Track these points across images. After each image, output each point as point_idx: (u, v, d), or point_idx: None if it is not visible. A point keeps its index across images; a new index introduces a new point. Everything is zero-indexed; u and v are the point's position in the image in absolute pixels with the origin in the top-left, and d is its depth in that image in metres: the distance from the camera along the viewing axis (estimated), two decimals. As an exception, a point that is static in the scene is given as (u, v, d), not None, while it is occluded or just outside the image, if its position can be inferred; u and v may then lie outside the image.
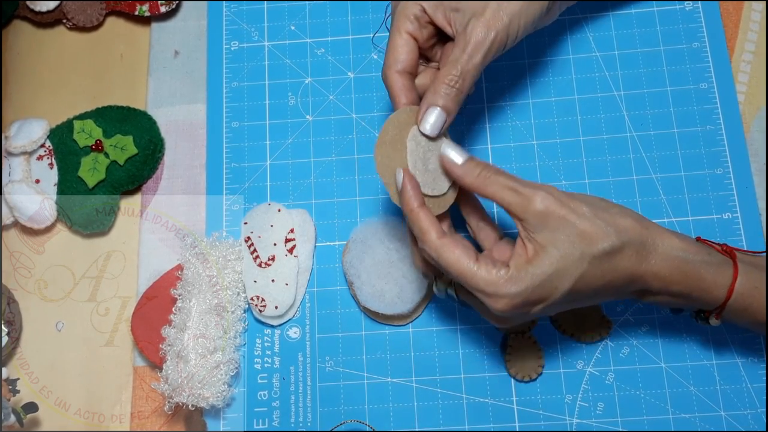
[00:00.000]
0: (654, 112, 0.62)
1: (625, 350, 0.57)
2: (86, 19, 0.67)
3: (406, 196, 0.49)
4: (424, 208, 0.49)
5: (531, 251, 0.47)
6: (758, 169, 0.60)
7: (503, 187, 0.48)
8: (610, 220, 0.47)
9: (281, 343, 0.59)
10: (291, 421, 0.57)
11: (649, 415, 0.56)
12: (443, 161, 0.50)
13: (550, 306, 0.48)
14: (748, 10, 0.64)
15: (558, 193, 0.48)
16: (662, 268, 0.48)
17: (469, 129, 0.63)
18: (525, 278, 0.46)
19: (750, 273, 0.49)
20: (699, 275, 0.48)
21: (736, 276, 0.49)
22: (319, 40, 0.66)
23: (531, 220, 0.47)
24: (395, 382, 0.57)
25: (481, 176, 0.49)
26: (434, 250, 0.48)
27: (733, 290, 0.49)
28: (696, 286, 0.49)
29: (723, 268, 0.49)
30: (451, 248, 0.47)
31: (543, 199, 0.47)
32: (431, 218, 0.48)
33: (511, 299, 0.46)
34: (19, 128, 0.63)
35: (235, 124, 0.64)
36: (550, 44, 0.64)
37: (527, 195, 0.47)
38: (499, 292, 0.46)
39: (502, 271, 0.47)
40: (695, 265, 0.48)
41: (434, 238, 0.48)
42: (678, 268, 0.48)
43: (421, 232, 0.48)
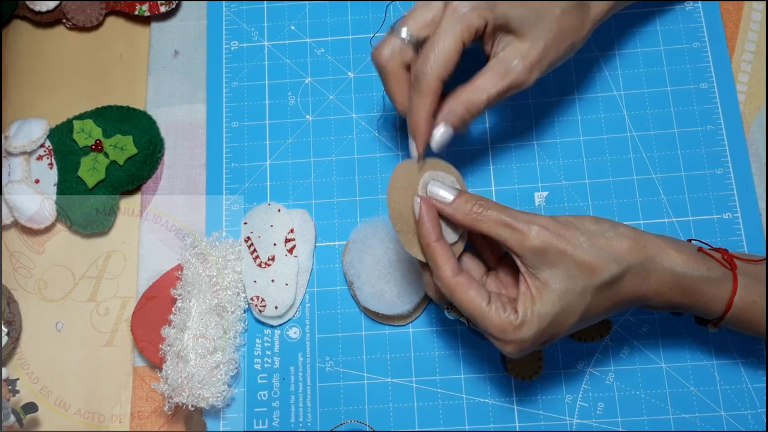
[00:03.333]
0: (654, 111, 0.62)
1: (625, 350, 0.57)
2: (86, 18, 0.67)
3: (424, 228, 0.48)
4: (441, 242, 0.48)
5: (534, 290, 0.47)
6: (758, 168, 0.60)
7: (497, 224, 0.47)
8: (607, 246, 0.47)
9: (281, 344, 0.59)
10: (291, 422, 0.57)
11: (650, 415, 0.56)
12: (431, 202, 0.49)
13: (558, 338, 0.49)
14: (749, 10, 0.64)
15: (553, 225, 0.47)
16: (662, 286, 0.48)
17: (469, 130, 0.63)
18: (533, 322, 0.46)
19: (750, 287, 0.49)
20: (698, 291, 0.49)
21: (735, 291, 0.49)
22: (319, 39, 0.66)
23: (528, 256, 0.47)
24: (395, 383, 0.57)
25: (472, 213, 0.48)
26: (448, 288, 0.48)
27: (732, 304, 0.49)
28: (695, 300, 0.49)
29: (722, 283, 0.49)
30: (465, 288, 0.47)
31: (538, 235, 0.46)
32: (448, 253, 0.48)
33: (520, 344, 0.47)
34: (19, 128, 0.63)
35: (235, 124, 0.64)
36: (550, 44, 0.64)
37: (522, 230, 0.47)
38: (507, 338, 0.47)
39: (512, 317, 0.47)
40: (694, 281, 0.48)
41: (449, 276, 0.48)
42: (678, 285, 0.48)
43: (436, 268, 0.48)
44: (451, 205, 0.49)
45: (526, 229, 0.47)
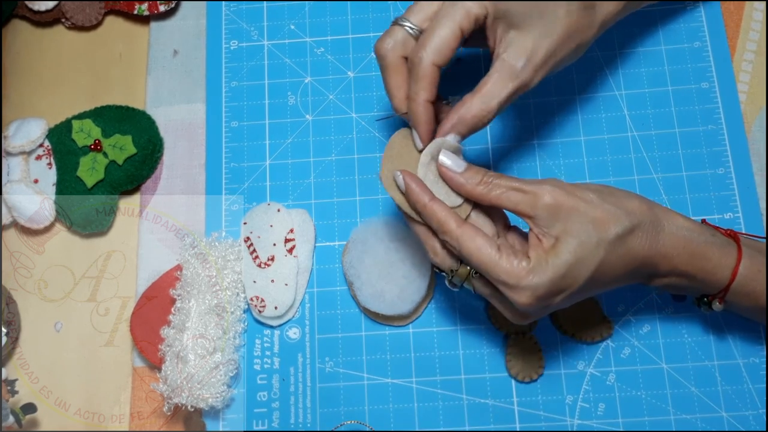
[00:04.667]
0: (655, 111, 0.62)
1: (626, 351, 0.57)
2: (85, 18, 0.67)
3: (414, 193, 0.48)
4: (436, 201, 0.48)
5: (547, 244, 0.47)
6: (760, 168, 0.60)
7: (507, 189, 0.48)
8: (618, 203, 0.48)
9: (281, 344, 0.59)
10: (291, 422, 0.57)
11: (651, 415, 0.56)
12: (441, 171, 0.49)
13: (570, 296, 0.48)
14: (750, 10, 0.64)
15: (563, 185, 0.48)
16: (670, 248, 0.48)
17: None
18: (547, 269, 0.46)
19: (754, 257, 0.50)
20: (705, 255, 0.49)
21: (740, 258, 0.49)
22: (319, 39, 0.66)
23: (542, 214, 0.47)
24: (395, 383, 0.57)
25: (482, 182, 0.48)
26: (455, 239, 0.47)
27: (738, 272, 0.49)
28: (701, 266, 0.49)
29: (727, 250, 0.49)
30: (472, 236, 0.47)
31: (551, 192, 0.47)
32: (446, 208, 0.48)
33: (534, 291, 0.46)
34: (18, 128, 0.62)
35: (235, 123, 0.64)
36: (550, 43, 0.64)
37: (534, 191, 0.47)
38: (521, 284, 0.46)
39: (524, 263, 0.46)
40: (701, 245, 0.49)
41: (454, 227, 0.47)
42: (685, 248, 0.49)
43: (439, 224, 0.48)
44: (461, 175, 0.49)
45: (538, 189, 0.47)
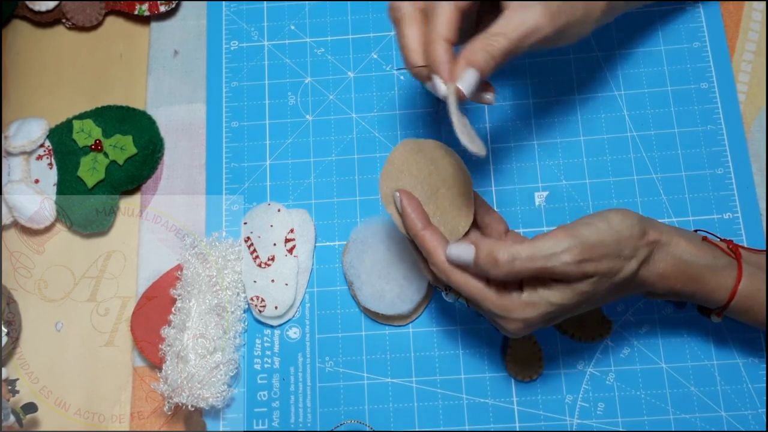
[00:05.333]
0: (655, 111, 0.62)
1: (625, 350, 0.57)
2: (85, 18, 0.67)
3: (409, 219, 0.48)
4: (429, 228, 0.48)
5: None
6: (759, 169, 0.60)
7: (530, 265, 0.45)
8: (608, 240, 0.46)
9: (281, 344, 0.59)
10: (291, 422, 0.57)
11: (650, 415, 0.56)
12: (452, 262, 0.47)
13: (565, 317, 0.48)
14: (749, 10, 0.64)
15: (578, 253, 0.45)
16: (668, 271, 0.48)
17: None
18: (539, 305, 0.46)
19: (753, 276, 0.49)
20: (703, 278, 0.49)
21: (740, 279, 0.49)
22: (319, 39, 0.66)
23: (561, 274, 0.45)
24: (395, 383, 0.57)
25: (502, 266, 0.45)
26: (443, 273, 0.47)
27: (736, 292, 0.49)
28: (699, 288, 0.49)
29: (727, 272, 0.49)
30: (459, 270, 0.47)
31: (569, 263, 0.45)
32: (438, 237, 0.48)
33: (525, 321, 0.46)
34: (19, 128, 0.63)
35: (235, 123, 0.64)
36: (550, 44, 0.64)
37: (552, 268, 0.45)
38: (511, 316, 0.46)
39: (514, 295, 0.46)
40: (700, 269, 0.49)
41: (442, 260, 0.47)
42: (684, 273, 0.49)
43: (428, 254, 0.48)
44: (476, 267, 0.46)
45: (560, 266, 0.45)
